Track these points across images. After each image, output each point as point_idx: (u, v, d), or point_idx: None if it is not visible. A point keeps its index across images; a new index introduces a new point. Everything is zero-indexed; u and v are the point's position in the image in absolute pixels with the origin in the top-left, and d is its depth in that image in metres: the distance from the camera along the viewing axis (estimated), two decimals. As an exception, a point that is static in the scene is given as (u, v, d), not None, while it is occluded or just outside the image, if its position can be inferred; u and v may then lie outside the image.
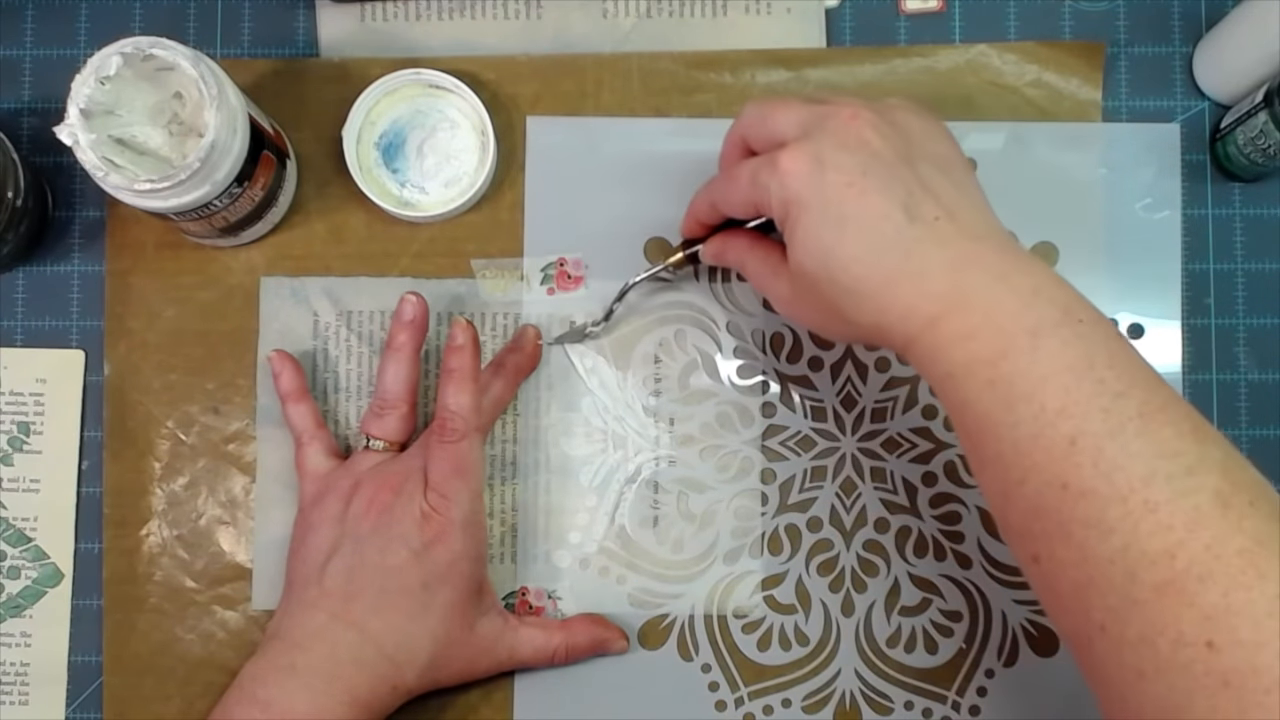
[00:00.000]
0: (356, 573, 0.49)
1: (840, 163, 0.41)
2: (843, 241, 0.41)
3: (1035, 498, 0.38)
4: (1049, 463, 0.38)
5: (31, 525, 0.55)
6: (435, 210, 0.55)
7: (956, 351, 0.40)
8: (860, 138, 0.42)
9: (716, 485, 0.55)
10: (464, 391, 0.50)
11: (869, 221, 0.41)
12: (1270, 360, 0.57)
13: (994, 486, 0.41)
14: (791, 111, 0.44)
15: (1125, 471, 0.37)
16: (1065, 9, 0.58)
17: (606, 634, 0.53)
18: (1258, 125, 0.52)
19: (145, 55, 0.47)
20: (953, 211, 0.42)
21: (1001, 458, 0.39)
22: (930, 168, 0.42)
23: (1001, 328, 0.39)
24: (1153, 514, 0.36)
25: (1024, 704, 0.55)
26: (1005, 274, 0.40)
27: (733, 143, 0.47)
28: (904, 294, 0.41)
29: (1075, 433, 0.38)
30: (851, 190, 0.41)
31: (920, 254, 0.41)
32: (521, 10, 0.57)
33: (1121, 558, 0.36)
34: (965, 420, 0.41)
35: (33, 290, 0.56)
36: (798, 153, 0.42)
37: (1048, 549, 0.39)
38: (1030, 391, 0.38)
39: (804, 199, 0.42)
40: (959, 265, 0.41)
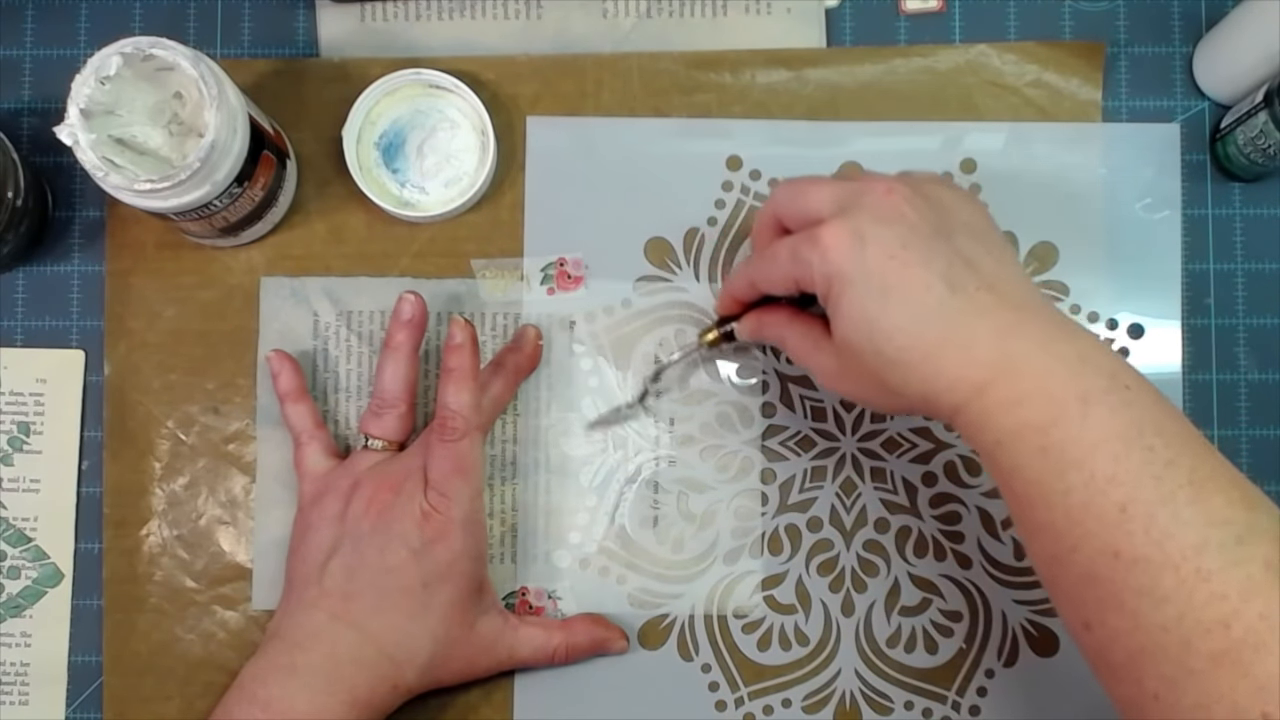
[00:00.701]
0: (356, 572, 0.49)
1: (880, 236, 0.42)
2: (887, 312, 0.41)
3: (1087, 565, 0.39)
4: (1101, 530, 0.38)
5: (31, 525, 0.55)
6: (435, 210, 0.55)
7: (1006, 418, 0.40)
8: (897, 211, 0.42)
9: (716, 485, 0.55)
10: (464, 390, 0.50)
11: (912, 292, 0.41)
12: (1270, 360, 0.57)
13: (1045, 553, 0.41)
14: (825, 189, 0.44)
15: (1177, 540, 0.37)
16: (1065, 9, 0.58)
17: (606, 634, 0.53)
18: (1258, 125, 0.52)
19: (145, 55, 0.47)
20: (993, 282, 0.42)
21: (1053, 525, 0.39)
22: (967, 239, 0.43)
23: (1051, 395, 0.40)
24: (1206, 583, 0.36)
25: (1024, 704, 0.55)
26: (1050, 341, 0.41)
27: (765, 222, 0.47)
28: (951, 363, 0.41)
29: (1126, 500, 0.38)
30: (893, 263, 0.41)
31: (965, 324, 0.41)
32: (521, 10, 0.57)
33: (1176, 626, 0.37)
34: (1014, 486, 0.41)
35: (33, 290, 0.56)
36: (838, 228, 0.42)
37: (1099, 616, 0.39)
38: (1081, 459, 0.39)
39: (846, 272, 0.42)
40: (1004, 334, 0.41)
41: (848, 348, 0.43)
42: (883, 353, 0.42)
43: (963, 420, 0.42)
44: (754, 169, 0.56)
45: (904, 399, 0.43)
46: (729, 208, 0.56)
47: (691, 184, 0.56)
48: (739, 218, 0.56)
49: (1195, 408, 0.56)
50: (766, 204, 0.47)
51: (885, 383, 0.43)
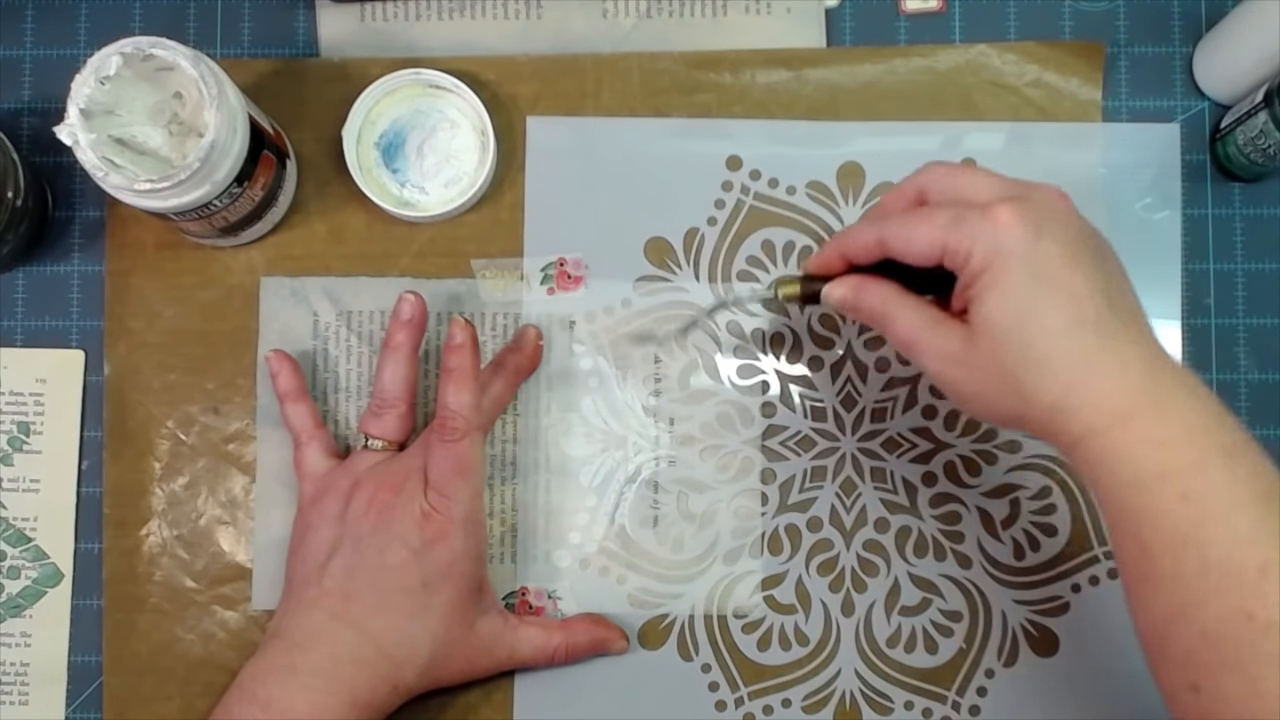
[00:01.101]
0: (356, 572, 0.49)
1: (1055, 233, 0.40)
2: (1047, 307, 0.39)
3: (1213, 624, 0.37)
4: (1236, 588, 0.37)
5: (31, 525, 0.55)
6: (435, 210, 0.55)
7: (1148, 458, 0.38)
8: (1070, 216, 0.41)
9: (716, 485, 0.55)
10: (464, 390, 0.50)
11: (1077, 294, 0.39)
12: (1270, 360, 0.57)
13: (1161, 607, 0.39)
14: (986, 178, 0.42)
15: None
16: (1065, 9, 0.58)
17: (606, 634, 0.53)
18: (1258, 125, 0.52)
19: (145, 55, 0.47)
20: (1136, 314, 0.41)
21: (1180, 578, 0.38)
22: (1118, 273, 0.42)
23: (1197, 442, 0.38)
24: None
25: (1024, 704, 0.55)
26: (1196, 389, 0.39)
27: (906, 193, 0.45)
28: (1101, 378, 0.39)
29: (1265, 562, 0.36)
30: (1062, 260, 0.40)
31: (1121, 342, 0.39)
32: (521, 10, 0.57)
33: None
34: (1141, 532, 0.39)
35: (33, 290, 0.56)
36: (1017, 209, 0.40)
37: (1213, 679, 0.37)
38: (1223, 512, 0.37)
39: (1017, 254, 0.39)
40: (1156, 367, 0.39)
41: (989, 332, 0.40)
42: (1031, 347, 0.39)
43: (1091, 448, 0.39)
44: (754, 169, 0.56)
45: (1031, 407, 0.40)
46: (729, 208, 0.56)
47: (691, 184, 0.56)
48: (739, 218, 0.56)
49: None
50: (912, 178, 0.44)
51: (1019, 383, 0.40)
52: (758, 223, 0.56)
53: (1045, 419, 0.40)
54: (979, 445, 0.55)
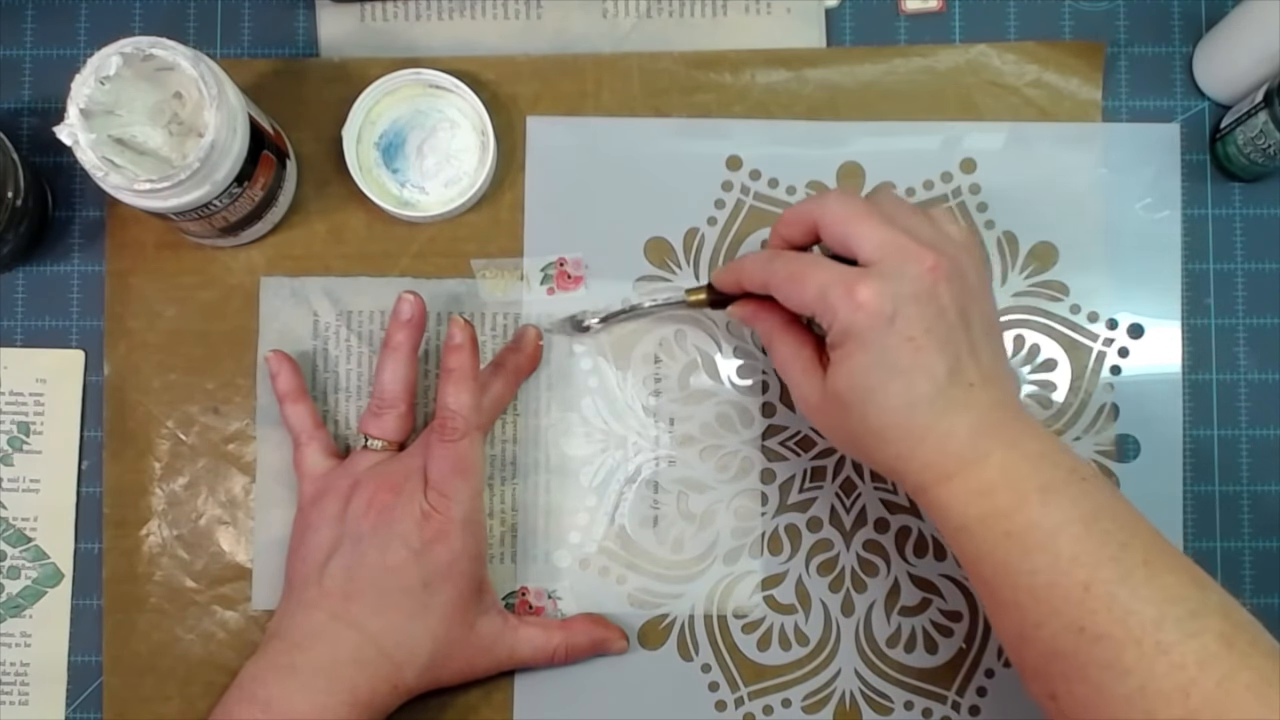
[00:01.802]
0: (356, 572, 0.49)
1: (909, 315, 0.43)
2: (886, 389, 0.43)
3: (1052, 640, 0.41)
4: (1065, 608, 0.41)
5: (31, 525, 0.55)
6: (435, 210, 0.55)
7: (972, 507, 0.43)
8: (933, 292, 0.43)
9: (716, 485, 0.55)
10: (464, 390, 0.50)
11: (915, 378, 0.43)
12: (1270, 360, 0.57)
13: (1011, 629, 0.43)
14: (875, 230, 0.44)
15: (1138, 616, 0.40)
16: (1065, 9, 0.58)
17: (606, 634, 0.53)
18: (1258, 125, 0.52)
19: (145, 55, 0.47)
20: (988, 377, 0.44)
21: (1018, 604, 0.42)
22: (980, 330, 0.45)
23: (1015, 486, 0.42)
24: (1165, 655, 0.39)
25: (1024, 704, 0.54)
26: (1018, 441, 0.43)
27: (801, 219, 0.47)
28: (925, 450, 0.43)
29: (1089, 580, 0.40)
30: (909, 345, 0.43)
31: (949, 416, 0.43)
32: (521, 10, 0.57)
33: (1139, 696, 0.39)
34: (981, 569, 0.43)
35: (33, 290, 0.56)
36: (876, 290, 0.43)
37: (1065, 688, 0.41)
38: (1044, 541, 0.41)
39: (866, 339, 0.43)
40: (980, 431, 0.43)
41: (836, 398, 0.45)
42: (868, 420, 0.44)
43: (925, 499, 0.44)
44: (754, 169, 0.56)
45: (872, 461, 0.46)
46: (729, 208, 0.56)
47: (691, 184, 0.56)
48: (739, 218, 0.56)
49: (1195, 408, 0.56)
50: (811, 205, 0.46)
51: (859, 443, 0.45)
52: (758, 223, 0.56)
53: (885, 472, 0.46)
54: (979, 445, 0.55)
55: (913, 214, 0.46)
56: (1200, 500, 0.56)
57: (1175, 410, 0.56)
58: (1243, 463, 0.56)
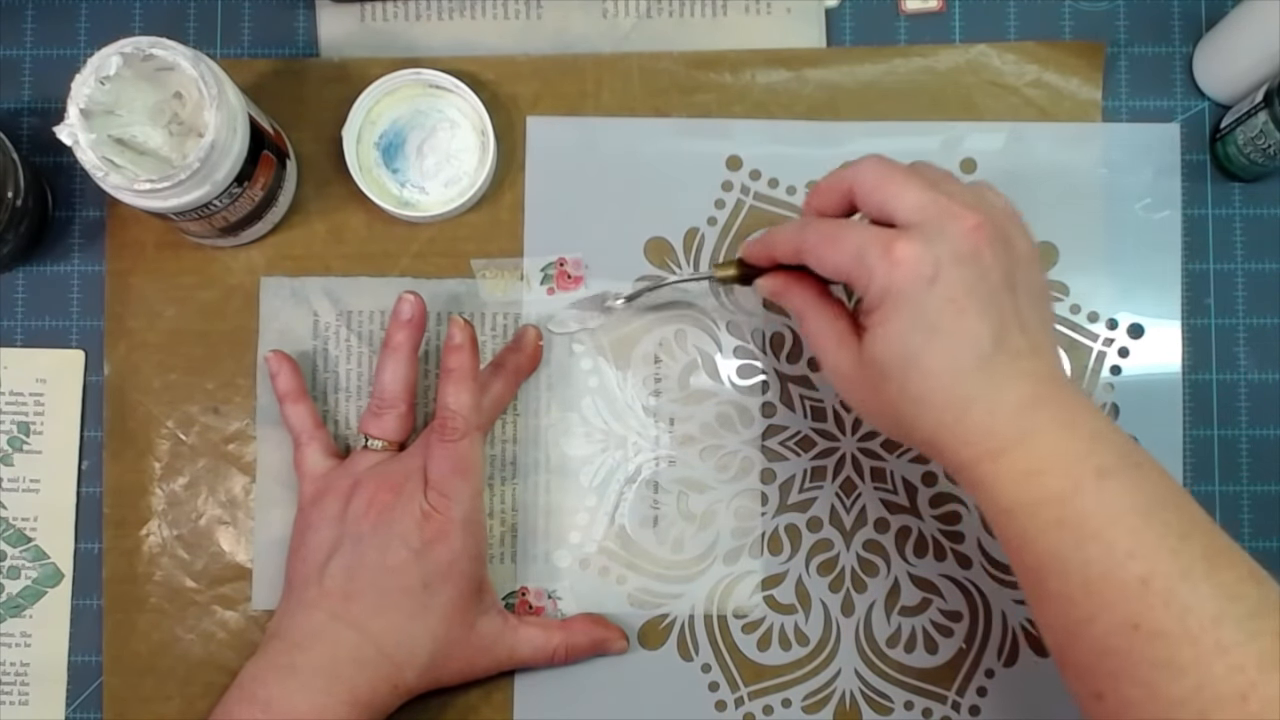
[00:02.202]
0: (356, 572, 0.49)
1: (952, 276, 0.41)
2: (928, 352, 0.41)
3: (1104, 637, 0.39)
4: (1120, 602, 0.38)
5: (31, 525, 0.55)
6: (435, 210, 0.55)
7: (1021, 489, 0.40)
8: (976, 251, 0.41)
9: (716, 485, 0.55)
10: (463, 390, 0.50)
11: (959, 341, 0.41)
12: (1270, 360, 0.57)
13: (1057, 623, 0.41)
14: (913, 193, 0.42)
15: (1197, 613, 0.37)
16: (1065, 9, 0.58)
17: (606, 634, 0.53)
18: (1258, 125, 0.52)
19: (145, 55, 0.47)
20: (1036, 346, 0.42)
21: (1068, 596, 0.40)
22: (1026, 298, 0.42)
23: (1068, 469, 0.40)
24: (1224, 655, 0.37)
25: (1024, 704, 0.55)
26: (1072, 418, 0.41)
27: (836, 186, 0.45)
28: (972, 420, 0.41)
29: (1147, 573, 0.38)
30: (952, 306, 0.40)
31: (996, 385, 0.41)
32: (521, 10, 0.57)
33: (1195, 698, 0.37)
34: (1026, 557, 0.41)
35: (33, 290, 0.56)
36: (917, 250, 0.41)
37: (1114, 687, 0.39)
38: (1099, 530, 0.39)
39: (905, 298, 0.41)
40: (1031, 403, 0.41)
41: (874, 366, 0.42)
42: (908, 387, 0.41)
43: (968, 477, 0.42)
44: (754, 169, 0.56)
45: (910, 435, 0.43)
46: (729, 208, 0.56)
47: (691, 184, 0.56)
48: (739, 218, 0.56)
49: (1195, 408, 0.56)
50: (847, 171, 0.44)
51: (898, 413, 0.43)
52: (758, 222, 0.56)
53: (924, 447, 0.43)
54: (979, 445, 0.55)
55: (953, 180, 0.44)
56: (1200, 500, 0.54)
57: (1175, 410, 0.56)
58: (1243, 463, 0.56)
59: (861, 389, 0.44)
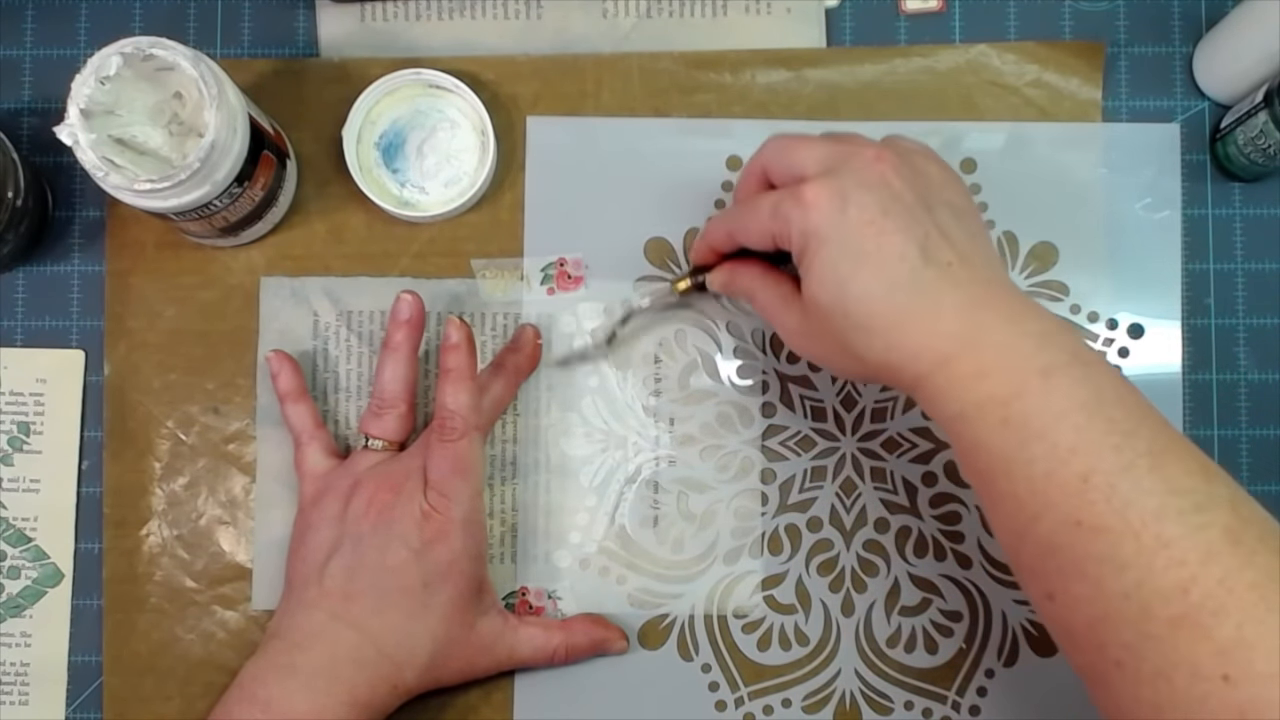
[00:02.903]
0: (356, 572, 0.49)
1: (862, 201, 0.42)
2: (858, 277, 0.42)
3: (1049, 535, 0.39)
4: (1063, 500, 0.38)
5: (31, 525, 0.55)
6: (435, 210, 0.55)
7: (969, 391, 0.41)
8: (883, 178, 0.42)
9: (716, 485, 0.55)
10: (462, 390, 0.50)
11: (886, 260, 0.41)
12: (1270, 360, 0.57)
13: (1007, 525, 0.41)
14: (815, 148, 0.44)
15: (1138, 508, 0.37)
16: (1065, 9, 0.58)
17: (606, 634, 0.53)
18: (1258, 125, 0.52)
19: (145, 55, 0.47)
20: (966, 256, 0.42)
21: (1015, 496, 0.40)
22: (947, 214, 0.43)
23: (1015, 367, 0.40)
24: (1166, 549, 0.37)
25: (1024, 704, 0.55)
26: (1016, 317, 0.41)
27: (751, 173, 0.48)
28: (916, 332, 0.41)
29: (1088, 470, 0.38)
30: (871, 228, 0.42)
31: (934, 295, 0.41)
32: (521, 10, 0.57)
33: (1136, 593, 0.37)
34: (976, 460, 0.41)
35: (33, 290, 0.56)
36: (822, 187, 0.42)
37: (1062, 585, 0.39)
38: (1043, 429, 0.39)
39: (824, 232, 0.42)
40: (972, 307, 0.41)
41: (816, 307, 0.43)
42: (850, 316, 0.42)
43: (923, 391, 0.42)
44: (754, 169, 0.56)
45: (866, 365, 0.43)
46: (729, 208, 0.56)
47: (691, 184, 0.56)
48: (739, 218, 0.56)
49: (1195, 408, 0.56)
50: (754, 156, 0.47)
51: (849, 347, 0.43)
52: (758, 223, 0.56)
53: (883, 373, 0.43)
54: (979, 445, 0.55)
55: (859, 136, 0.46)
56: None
57: (1175, 410, 0.56)
58: (1243, 463, 0.56)
59: (812, 339, 0.45)
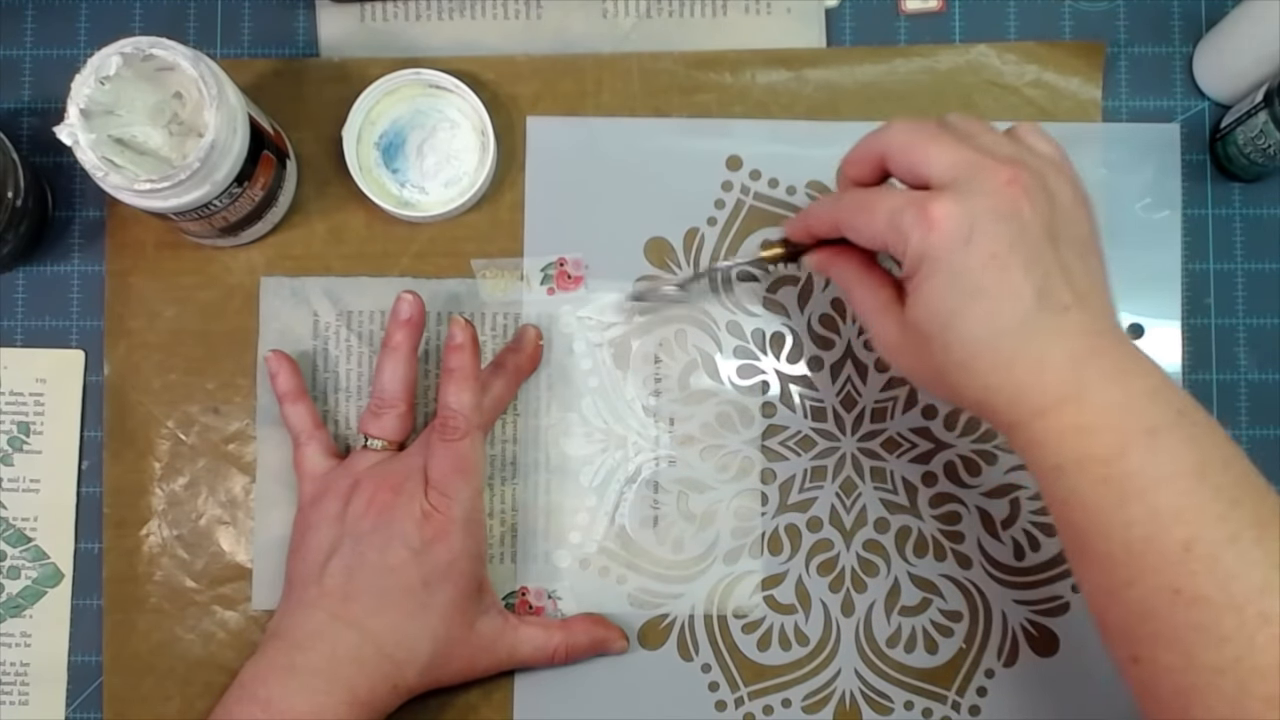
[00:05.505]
0: (356, 572, 0.49)
1: (988, 232, 0.39)
2: (969, 313, 0.40)
3: (1142, 600, 0.38)
4: (1162, 566, 0.37)
5: (31, 525, 0.55)
6: (435, 210, 0.55)
7: (1069, 445, 0.39)
8: (1015, 206, 0.40)
9: (716, 485, 0.55)
10: (465, 390, 0.50)
11: (1000, 300, 0.39)
12: (1270, 360, 0.57)
13: (1097, 584, 0.40)
14: (946, 151, 0.41)
15: (1242, 581, 0.36)
16: (1065, 9, 0.58)
17: (606, 634, 0.53)
18: (1258, 125, 0.52)
19: (145, 55, 0.47)
20: (1083, 299, 0.40)
21: (1110, 556, 0.39)
22: (1072, 250, 0.41)
23: (1119, 426, 0.39)
24: (1268, 625, 0.36)
25: (1024, 704, 0.55)
26: (1125, 372, 0.40)
27: (866, 156, 0.44)
28: (1017, 379, 0.40)
29: (1191, 538, 0.37)
30: (993, 264, 0.39)
31: (1043, 342, 0.40)
32: (521, 10, 0.57)
33: (1233, 668, 0.36)
34: (1071, 515, 0.40)
35: (33, 290, 0.56)
36: (950, 209, 0.40)
37: (1151, 652, 0.38)
38: (1145, 491, 0.38)
39: (942, 260, 0.40)
40: (1079, 359, 0.40)
41: (917, 331, 0.42)
42: (951, 350, 0.41)
43: (1020, 438, 0.41)
44: (754, 169, 0.56)
45: (960, 399, 0.42)
46: (729, 208, 0.56)
47: (691, 184, 0.56)
48: (739, 218, 0.56)
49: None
50: (875, 138, 0.44)
51: (945, 377, 0.42)
52: (758, 223, 0.56)
53: (977, 409, 0.42)
54: (979, 445, 0.55)
55: (989, 130, 0.43)
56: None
57: (1175, 410, 0.56)
58: (1243, 463, 0.56)
59: (908, 356, 0.44)
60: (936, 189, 0.41)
